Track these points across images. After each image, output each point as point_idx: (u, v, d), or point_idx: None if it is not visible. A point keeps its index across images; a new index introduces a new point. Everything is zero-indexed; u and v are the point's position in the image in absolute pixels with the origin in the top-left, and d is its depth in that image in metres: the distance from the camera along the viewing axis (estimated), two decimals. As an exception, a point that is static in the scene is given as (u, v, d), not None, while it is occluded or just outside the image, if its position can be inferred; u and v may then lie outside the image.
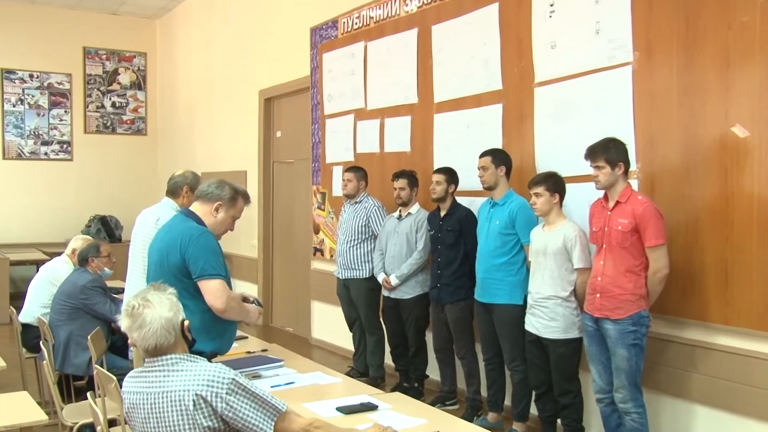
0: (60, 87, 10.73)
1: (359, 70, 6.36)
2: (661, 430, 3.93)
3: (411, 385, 5.35)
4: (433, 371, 5.34)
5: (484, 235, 4.55)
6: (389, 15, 5.99)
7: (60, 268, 5.28)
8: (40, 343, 4.46)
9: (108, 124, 11.12)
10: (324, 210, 6.98)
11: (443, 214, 4.95)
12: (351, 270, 5.70)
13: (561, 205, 4.08)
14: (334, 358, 6.60)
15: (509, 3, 4.84)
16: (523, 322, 4.22)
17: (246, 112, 8.65)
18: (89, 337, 4.06)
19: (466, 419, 3.88)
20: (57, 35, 10.58)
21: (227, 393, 2.21)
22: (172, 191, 4.14)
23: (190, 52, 10.29)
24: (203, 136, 9.90)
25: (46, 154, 10.67)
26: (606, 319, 3.66)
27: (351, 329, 5.94)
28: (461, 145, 5.21)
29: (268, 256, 8.41)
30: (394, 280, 5.23)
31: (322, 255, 7.03)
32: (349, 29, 6.51)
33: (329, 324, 6.94)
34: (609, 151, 3.66)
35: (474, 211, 4.83)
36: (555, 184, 4.04)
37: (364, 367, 5.81)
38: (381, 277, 5.37)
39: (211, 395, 2.21)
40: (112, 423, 3.31)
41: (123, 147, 11.17)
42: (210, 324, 3.14)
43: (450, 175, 4.93)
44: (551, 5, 4.53)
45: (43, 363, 3.90)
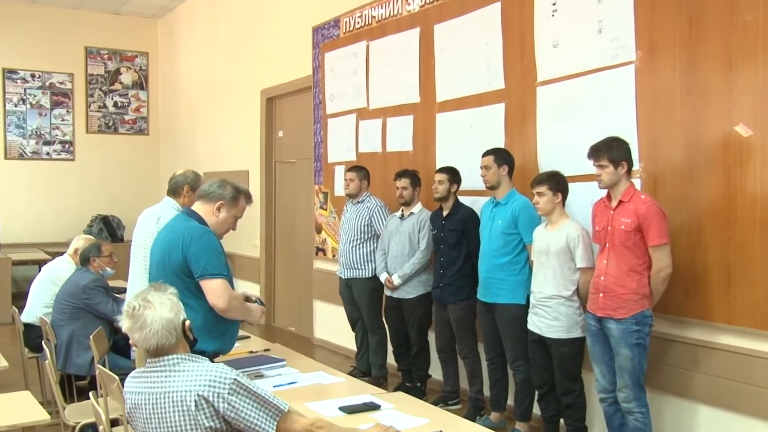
0: (62, 87, 10.74)
1: (361, 69, 6.36)
2: (664, 429, 3.92)
3: (413, 385, 5.35)
4: (436, 371, 5.33)
5: (486, 235, 4.55)
6: (391, 14, 5.99)
7: (62, 267, 5.29)
8: (42, 343, 4.46)
9: (110, 123, 11.12)
10: (326, 210, 6.98)
11: (446, 213, 4.95)
12: (353, 269, 5.70)
13: (564, 205, 4.08)
14: (336, 357, 6.59)
15: (512, 2, 4.83)
16: (526, 321, 4.22)
17: (248, 111, 8.64)
18: (91, 337, 4.06)
19: (468, 419, 3.87)
20: (59, 35, 10.58)
21: (229, 393, 2.21)
22: (173, 191, 4.14)
23: (191, 51, 10.29)
24: (205, 135, 9.90)
25: (48, 153, 10.67)
26: (609, 319, 3.65)
27: (353, 329, 5.94)
28: (463, 145, 5.21)
29: (270, 255, 8.40)
30: (396, 279, 5.22)
31: (324, 255, 7.02)
32: (351, 28, 6.51)
33: (332, 324, 6.93)
34: (612, 150, 3.65)
35: (476, 211, 4.83)
36: (558, 183, 4.04)
37: (366, 367, 5.81)
38: (383, 277, 5.36)
39: (213, 395, 2.20)
40: (114, 423, 3.30)
41: (125, 147, 11.18)
42: (212, 323, 3.14)
43: (452, 175, 4.92)
44: (554, 4, 4.52)
45: (46, 363, 3.90)
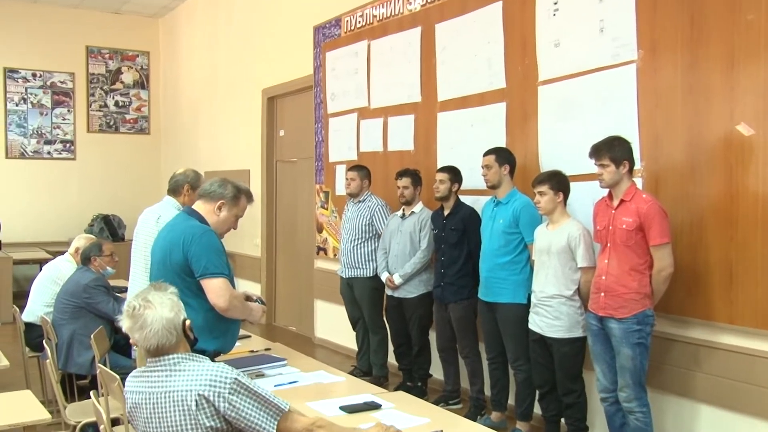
0: (63, 86, 10.74)
1: (362, 68, 6.35)
2: (666, 429, 3.92)
3: (414, 384, 5.35)
4: (437, 370, 5.33)
5: (487, 234, 4.54)
6: (392, 13, 5.98)
7: (63, 267, 5.29)
8: (43, 342, 4.46)
9: (111, 123, 11.12)
10: (327, 209, 6.97)
11: (447, 212, 4.94)
12: (355, 269, 5.69)
13: (565, 204, 4.07)
14: (337, 357, 6.59)
15: (513, 1, 4.83)
16: (527, 321, 4.21)
17: (249, 110, 8.64)
18: (92, 336, 4.06)
19: (469, 418, 3.87)
20: (60, 34, 10.58)
21: (230, 393, 2.20)
22: (173, 189, 4.15)
23: (193, 51, 10.29)
24: (206, 135, 9.90)
25: (49, 153, 10.67)
26: (610, 318, 3.64)
27: (354, 328, 5.94)
28: (465, 144, 5.20)
29: (271, 255, 8.40)
30: (397, 279, 5.22)
31: (325, 254, 7.02)
32: (353, 28, 6.51)
33: (332, 323, 6.93)
34: (613, 150, 3.65)
35: (477, 210, 4.82)
36: (559, 182, 4.03)
37: (367, 366, 5.81)
38: (384, 276, 5.36)
39: (214, 395, 2.20)
40: (115, 422, 3.30)
41: (126, 146, 11.18)
42: (213, 323, 3.14)
43: (453, 174, 4.92)
44: (555, 3, 4.51)
45: (47, 362, 3.90)
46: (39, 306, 5.12)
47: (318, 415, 2.54)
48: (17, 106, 10.46)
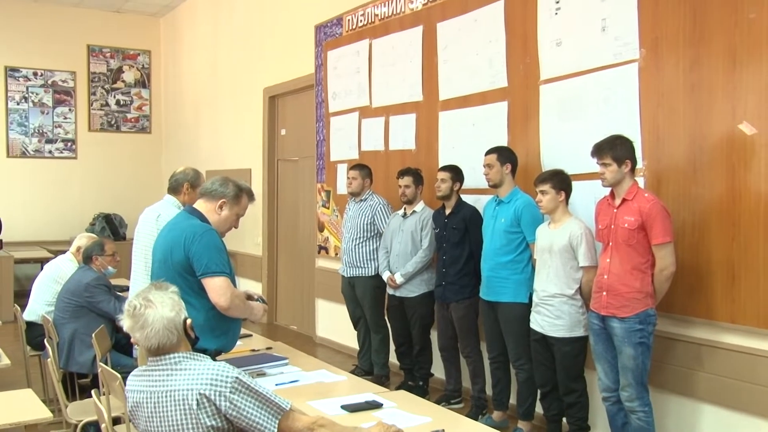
0: (64, 85, 10.74)
1: (364, 67, 6.35)
2: (668, 428, 3.91)
3: (416, 384, 5.34)
4: (438, 370, 5.32)
5: (489, 233, 4.54)
6: (394, 12, 5.98)
7: (64, 266, 5.29)
8: (44, 341, 4.47)
9: (112, 122, 11.12)
10: (328, 208, 6.97)
11: (448, 212, 4.94)
12: (356, 268, 5.69)
13: (567, 203, 4.07)
14: (338, 356, 6.59)
15: (515, 0, 4.82)
16: (529, 320, 4.21)
17: (250, 109, 8.64)
18: (94, 335, 4.06)
19: (471, 418, 3.86)
20: (61, 33, 10.59)
21: (231, 392, 2.20)
22: (173, 188, 4.16)
23: (194, 49, 10.29)
24: (208, 133, 9.90)
25: (50, 152, 10.68)
26: (612, 317, 3.64)
27: (355, 327, 5.94)
28: (466, 143, 5.20)
29: (272, 254, 8.40)
30: (398, 278, 5.21)
31: (326, 253, 7.02)
32: (354, 27, 6.50)
33: (334, 322, 6.93)
34: (615, 149, 3.64)
35: (479, 209, 4.82)
36: (561, 181, 4.03)
37: (368, 366, 5.80)
38: (386, 275, 5.36)
39: (215, 394, 2.20)
40: (116, 421, 3.30)
41: (127, 145, 11.18)
42: (214, 322, 3.14)
43: (455, 173, 4.91)
44: (557, 2, 4.51)
45: (48, 361, 3.90)
46: (40, 305, 5.12)
47: (319, 414, 2.53)
48: (18, 104, 10.46)
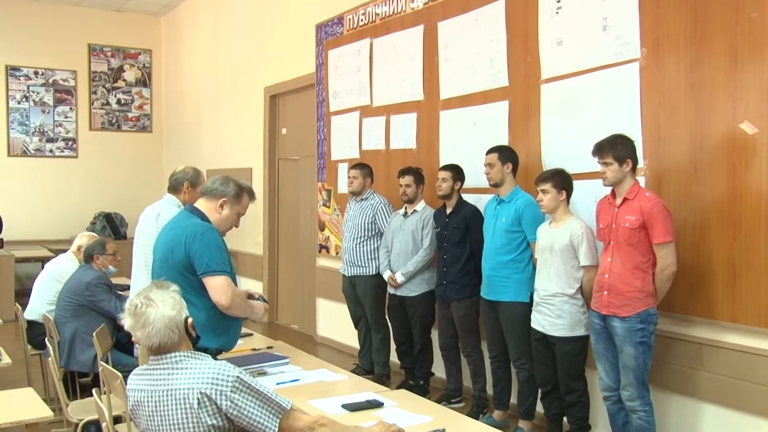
0: (65, 84, 10.74)
1: (365, 66, 6.35)
2: (668, 428, 3.91)
3: (416, 383, 5.34)
4: (439, 369, 5.32)
5: (490, 233, 4.53)
6: (395, 12, 5.97)
7: (65, 265, 5.30)
8: (45, 340, 4.47)
9: (113, 121, 11.12)
10: (329, 207, 6.97)
11: (449, 211, 4.94)
12: (357, 267, 5.69)
13: (568, 202, 4.07)
14: (339, 355, 6.59)
15: (516, -1, 4.82)
16: (529, 319, 4.21)
17: (251, 109, 8.64)
18: (94, 334, 4.07)
19: (471, 417, 3.84)
20: (62, 32, 10.59)
21: (232, 391, 2.20)
22: (173, 187, 4.16)
23: (195, 49, 10.28)
24: (208, 133, 9.90)
25: (51, 151, 10.68)
26: (613, 317, 3.64)
27: (356, 326, 5.94)
28: (467, 142, 5.19)
29: (273, 253, 8.40)
30: (399, 277, 5.21)
31: (327, 252, 7.02)
32: (355, 26, 6.50)
33: (334, 321, 6.93)
34: (617, 148, 3.64)
35: (480, 209, 4.81)
36: (562, 181, 4.02)
37: (369, 365, 5.80)
38: (387, 275, 5.36)
39: (216, 393, 2.20)
40: (117, 420, 3.31)
41: (128, 144, 11.18)
42: (215, 321, 3.14)
43: (456, 172, 4.91)
44: (558, 1, 4.50)
45: (49, 360, 3.90)
46: (41, 304, 5.13)
47: (320, 414, 2.54)
48: (19, 104, 10.46)
